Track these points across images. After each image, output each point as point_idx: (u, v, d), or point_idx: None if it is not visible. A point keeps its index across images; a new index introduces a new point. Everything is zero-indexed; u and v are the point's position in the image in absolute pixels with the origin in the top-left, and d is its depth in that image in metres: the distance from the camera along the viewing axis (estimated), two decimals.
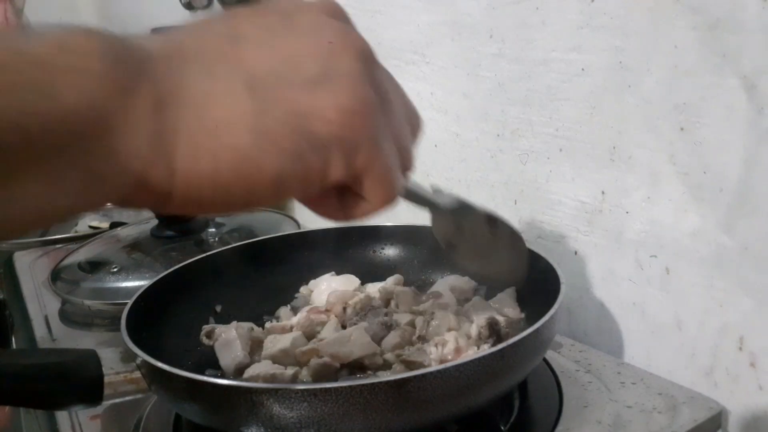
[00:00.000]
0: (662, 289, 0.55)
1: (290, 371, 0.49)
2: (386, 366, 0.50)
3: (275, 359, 0.51)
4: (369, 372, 0.50)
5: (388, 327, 0.54)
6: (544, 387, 0.52)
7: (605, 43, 0.55)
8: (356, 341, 0.50)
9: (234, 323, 0.56)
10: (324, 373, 0.48)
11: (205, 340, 0.55)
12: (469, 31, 0.69)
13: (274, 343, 0.52)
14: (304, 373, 0.49)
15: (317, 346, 0.50)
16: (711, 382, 0.52)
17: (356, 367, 0.50)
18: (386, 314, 0.55)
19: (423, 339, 0.52)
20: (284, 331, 0.55)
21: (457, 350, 0.49)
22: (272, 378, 0.47)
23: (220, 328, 0.55)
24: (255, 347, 0.54)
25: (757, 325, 0.49)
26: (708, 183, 0.50)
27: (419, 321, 0.53)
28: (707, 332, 0.52)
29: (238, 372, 0.52)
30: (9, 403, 0.48)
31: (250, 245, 0.68)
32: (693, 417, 0.48)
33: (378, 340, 0.52)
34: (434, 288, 0.61)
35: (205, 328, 0.56)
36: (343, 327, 0.55)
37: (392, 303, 0.59)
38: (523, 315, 0.56)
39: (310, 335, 0.55)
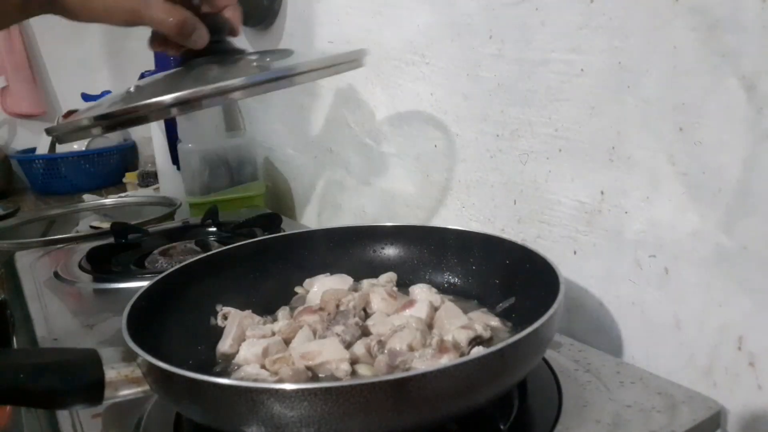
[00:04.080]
0: (661, 288, 0.55)
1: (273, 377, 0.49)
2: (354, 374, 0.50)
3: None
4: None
5: (362, 331, 0.55)
6: (544, 386, 0.52)
7: (604, 43, 0.55)
8: (326, 344, 0.51)
9: (246, 312, 0.59)
10: (295, 381, 0.49)
11: (220, 322, 0.60)
12: (469, 32, 0.69)
13: (249, 347, 0.53)
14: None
15: (285, 356, 0.51)
16: (710, 382, 0.52)
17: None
18: (357, 322, 0.55)
19: (381, 349, 0.52)
20: (264, 336, 0.56)
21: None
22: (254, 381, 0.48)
23: (233, 313, 0.59)
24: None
25: (756, 325, 0.49)
26: (707, 183, 0.50)
27: (386, 333, 0.53)
28: (706, 332, 0.52)
29: (223, 357, 0.56)
30: (10, 403, 0.48)
31: (250, 245, 0.68)
32: (692, 416, 0.48)
33: (349, 345, 0.53)
34: (410, 295, 0.61)
35: (225, 309, 0.61)
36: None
37: (372, 303, 0.60)
38: (506, 326, 0.57)
39: (290, 342, 0.55)
